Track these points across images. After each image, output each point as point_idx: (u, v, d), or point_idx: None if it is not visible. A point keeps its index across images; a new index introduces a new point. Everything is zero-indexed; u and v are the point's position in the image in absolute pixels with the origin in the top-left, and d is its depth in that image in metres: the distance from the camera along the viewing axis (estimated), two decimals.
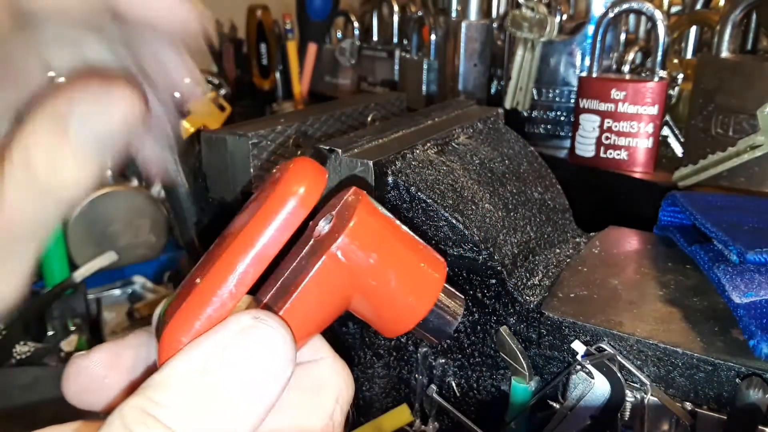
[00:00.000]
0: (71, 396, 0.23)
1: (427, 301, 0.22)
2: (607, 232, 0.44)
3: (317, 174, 0.20)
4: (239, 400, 0.18)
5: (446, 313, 0.23)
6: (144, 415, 0.17)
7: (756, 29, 0.58)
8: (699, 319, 0.32)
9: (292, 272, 0.21)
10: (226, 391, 0.18)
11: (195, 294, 0.19)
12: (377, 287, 0.21)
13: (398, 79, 0.96)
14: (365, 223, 0.21)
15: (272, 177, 0.21)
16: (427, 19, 0.88)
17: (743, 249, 0.34)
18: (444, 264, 0.23)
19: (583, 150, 0.63)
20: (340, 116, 0.49)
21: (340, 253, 0.20)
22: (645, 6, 0.59)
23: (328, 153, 0.36)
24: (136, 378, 0.22)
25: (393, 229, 0.22)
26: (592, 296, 0.35)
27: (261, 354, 0.19)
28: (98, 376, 0.22)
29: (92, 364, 0.23)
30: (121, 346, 0.23)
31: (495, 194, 0.39)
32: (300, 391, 0.21)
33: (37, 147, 0.19)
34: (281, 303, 0.20)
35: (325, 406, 0.21)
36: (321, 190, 0.20)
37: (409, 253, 0.22)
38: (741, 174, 0.52)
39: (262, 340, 0.19)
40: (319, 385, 0.22)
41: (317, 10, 1.02)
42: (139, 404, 0.18)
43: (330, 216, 0.22)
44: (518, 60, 0.69)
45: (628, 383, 0.31)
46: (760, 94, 0.50)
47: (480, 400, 0.38)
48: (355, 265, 0.21)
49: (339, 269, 0.20)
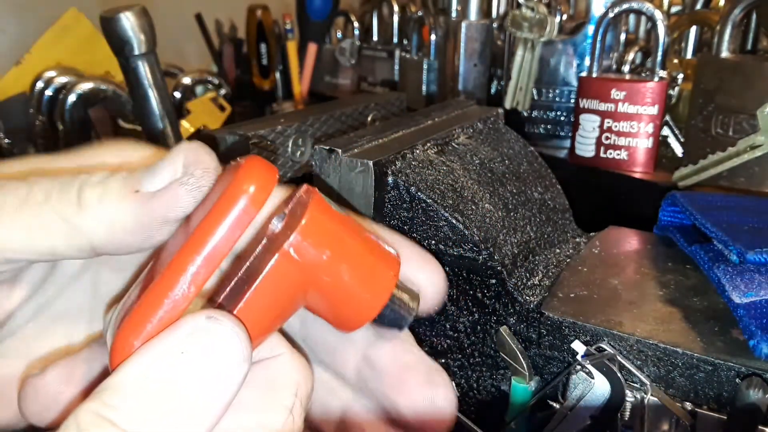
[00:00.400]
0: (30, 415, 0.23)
1: (382, 295, 0.23)
2: (607, 232, 0.44)
3: (268, 172, 0.20)
4: (194, 400, 0.18)
5: (401, 308, 0.23)
6: (99, 419, 0.17)
7: (756, 29, 0.58)
8: (699, 319, 0.32)
9: (246, 271, 0.21)
10: (181, 392, 0.18)
11: (146, 297, 0.19)
12: (331, 283, 0.21)
13: (398, 79, 0.96)
14: (317, 221, 0.21)
15: (224, 176, 0.21)
16: (427, 19, 0.88)
17: (743, 249, 0.34)
18: (398, 260, 0.24)
19: (583, 150, 0.63)
20: (340, 116, 0.49)
21: (292, 251, 0.20)
22: (645, 6, 0.60)
23: (328, 153, 0.36)
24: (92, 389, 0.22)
25: (345, 226, 0.22)
26: (592, 296, 0.35)
27: (215, 353, 0.19)
28: (55, 392, 0.22)
29: (48, 382, 0.23)
30: (74, 361, 0.23)
31: (495, 194, 0.39)
32: (257, 388, 0.21)
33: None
34: (235, 302, 0.20)
35: (284, 400, 0.21)
36: (271, 188, 0.20)
37: (362, 249, 0.22)
38: (741, 174, 0.52)
39: (216, 340, 0.19)
40: (276, 381, 0.22)
41: (317, 10, 1.02)
42: (93, 408, 0.18)
43: (283, 214, 0.22)
44: (518, 60, 0.69)
45: (628, 383, 0.31)
46: (760, 94, 0.50)
47: (480, 400, 0.38)
48: (309, 262, 0.21)
49: (292, 266, 0.21)
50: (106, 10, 0.45)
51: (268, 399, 0.21)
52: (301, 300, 0.22)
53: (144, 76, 0.46)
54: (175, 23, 1.08)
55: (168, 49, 0.69)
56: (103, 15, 0.45)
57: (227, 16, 1.16)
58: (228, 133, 0.42)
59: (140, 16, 0.45)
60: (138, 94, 0.47)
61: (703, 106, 0.55)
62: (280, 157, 0.44)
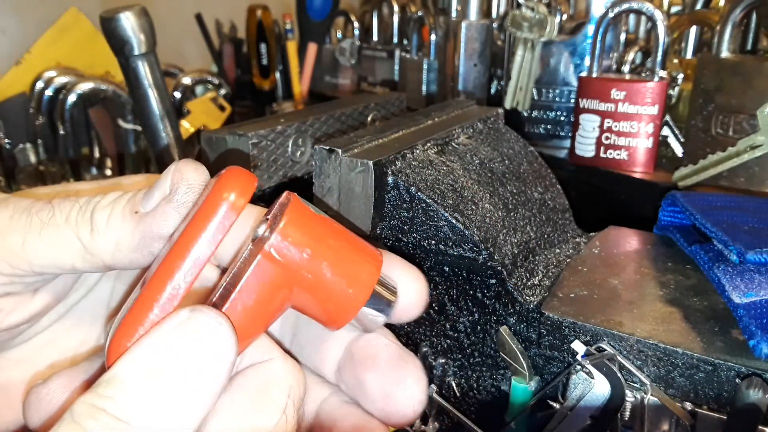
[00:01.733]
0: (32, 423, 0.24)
1: (364, 290, 0.24)
2: (607, 232, 0.44)
3: (247, 180, 0.22)
4: (185, 386, 0.19)
5: (382, 301, 0.24)
6: (93, 409, 0.18)
7: (756, 29, 0.58)
8: (699, 319, 0.32)
9: (233, 276, 0.22)
10: (172, 379, 0.19)
11: (137, 303, 0.21)
12: (314, 280, 0.23)
13: (398, 79, 0.96)
14: (296, 222, 0.22)
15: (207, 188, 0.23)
16: (427, 19, 0.88)
17: (743, 249, 0.34)
18: (379, 256, 0.25)
19: (583, 150, 0.63)
20: (340, 116, 0.49)
21: (273, 251, 0.22)
22: (645, 6, 0.59)
23: (328, 153, 0.36)
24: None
25: (325, 226, 0.24)
26: (592, 296, 0.35)
27: (200, 341, 0.20)
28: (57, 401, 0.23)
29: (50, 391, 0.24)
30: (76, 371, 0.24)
31: (495, 194, 0.39)
32: (250, 390, 0.22)
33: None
34: (222, 304, 0.22)
35: (277, 401, 0.22)
36: (250, 194, 0.22)
37: (342, 247, 0.24)
38: (741, 174, 0.52)
39: (199, 329, 0.20)
40: (269, 383, 0.23)
41: (317, 10, 1.02)
42: (89, 400, 0.19)
43: (266, 219, 0.23)
44: (518, 60, 0.69)
45: (628, 383, 0.31)
46: (760, 94, 0.50)
47: (480, 400, 0.38)
48: (290, 261, 0.22)
49: (275, 266, 0.22)
50: (106, 10, 0.45)
51: (261, 400, 0.22)
52: (287, 300, 0.23)
53: (144, 76, 0.46)
54: (175, 23, 1.08)
55: (168, 49, 0.69)
56: (103, 15, 0.45)
57: (227, 16, 1.16)
58: (228, 133, 0.42)
59: (140, 16, 0.45)
60: (138, 94, 0.47)
61: (703, 106, 0.55)
62: (280, 157, 0.44)
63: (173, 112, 0.48)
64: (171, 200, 0.23)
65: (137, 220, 0.23)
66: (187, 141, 0.84)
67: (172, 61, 1.01)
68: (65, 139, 0.81)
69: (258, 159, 0.42)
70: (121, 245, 0.23)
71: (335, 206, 0.37)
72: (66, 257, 0.23)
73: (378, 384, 0.25)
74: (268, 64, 1.07)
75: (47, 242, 0.23)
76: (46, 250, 0.23)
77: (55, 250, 0.23)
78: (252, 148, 0.41)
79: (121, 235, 0.23)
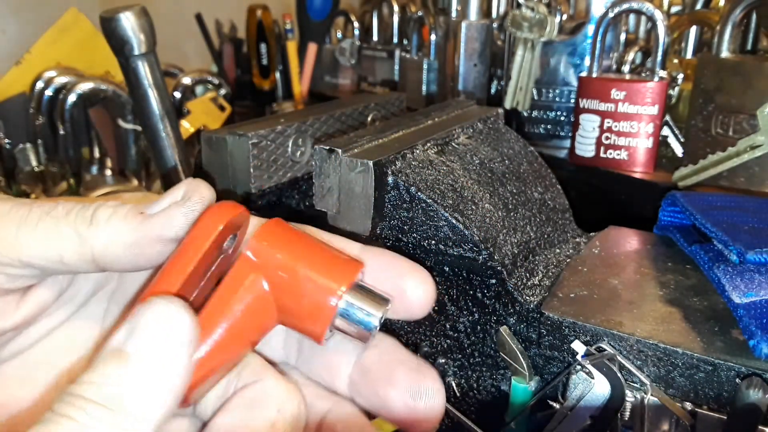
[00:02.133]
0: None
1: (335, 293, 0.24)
2: (607, 232, 0.44)
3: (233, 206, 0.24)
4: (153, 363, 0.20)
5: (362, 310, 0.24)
6: (69, 397, 0.19)
7: (756, 29, 0.57)
8: (699, 319, 0.32)
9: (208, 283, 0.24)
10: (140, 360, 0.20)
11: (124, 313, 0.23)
12: (289, 281, 0.24)
13: (398, 79, 0.96)
14: (272, 229, 0.25)
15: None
16: (427, 19, 0.88)
17: (743, 249, 0.34)
18: (358, 262, 0.25)
19: (583, 150, 0.63)
20: (340, 116, 0.49)
21: (250, 253, 0.24)
22: (645, 6, 0.59)
23: (328, 153, 0.36)
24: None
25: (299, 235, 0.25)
26: (592, 296, 0.35)
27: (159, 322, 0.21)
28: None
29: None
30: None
31: (495, 194, 0.39)
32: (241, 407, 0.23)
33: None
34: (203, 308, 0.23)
35: (266, 414, 0.23)
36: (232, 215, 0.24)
37: (314, 251, 0.25)
38: (741, 174, 0.52)
39: (156, 313, 0.21)
40: (259, 398, 0.24)
41: (317, 10, 1.02)
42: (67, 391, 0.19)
43: (233, 236, 0.25)
44: (518, 60, 0.69)
45: (628, 383, 0.31)
46: (760, 94, 0.50)
47: (480, 400, 0.38)
48: (265, 261, 0.24)
49: (250, 268, 0.24)
50: (106, 10, 0.45)
51: (251, 414, 0.23)
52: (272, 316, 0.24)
53: (144, 76, 0.46)
54: (175, 23, 1.08)
55: (168, 49, 0.69)
56: (103, 15, 0.45)
57: (227, 16, 1.16)
58: (228, 133, 0.42)
59: (140, 16, 0.45)
60: (138, 94, 0.46)
61: (703, 106, 0.55)
62: (280, 157, 0.44)
63: (173, 112, 0.48)
64: (181, 205, 0.24)
65: (140, 220, 0.24)
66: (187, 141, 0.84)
67: (172, 61, 1.01)
68: (65, 139, 0.81)
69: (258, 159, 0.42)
70: (116, 240, 0.24)
71: (335, 206, 0.37)
72: (55, 247, 0.23)
73: (400, 398, 0.25)
74: (268, 64, 1.07)
75: (42, 233, 0.23)
76: (38, 240, 0.23)
77: (47, 240, 0.23)
78: (252, 148, 0.41)
79: (118, 231, 0.24)
